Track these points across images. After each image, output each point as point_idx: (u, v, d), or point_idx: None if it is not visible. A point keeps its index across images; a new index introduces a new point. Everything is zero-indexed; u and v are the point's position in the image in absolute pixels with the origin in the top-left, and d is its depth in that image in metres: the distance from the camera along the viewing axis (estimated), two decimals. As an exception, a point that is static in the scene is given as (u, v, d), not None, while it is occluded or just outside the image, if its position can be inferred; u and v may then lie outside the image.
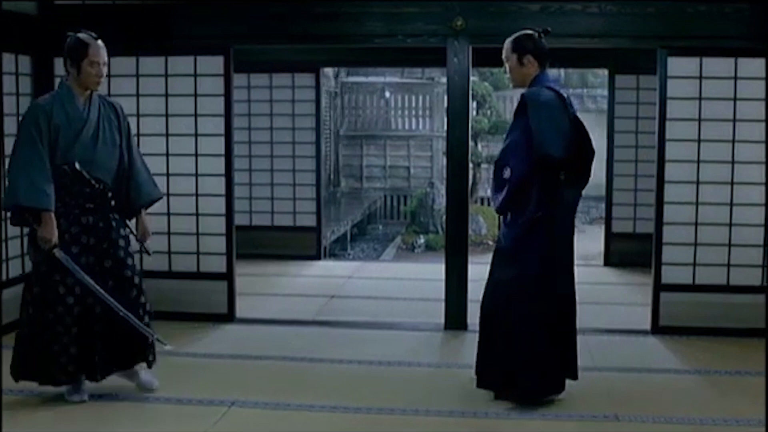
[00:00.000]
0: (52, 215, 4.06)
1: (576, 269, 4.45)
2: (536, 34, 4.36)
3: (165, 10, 5.93)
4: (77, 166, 4.15)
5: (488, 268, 4.44)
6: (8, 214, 4.27)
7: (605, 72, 9.51)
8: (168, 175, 6.05)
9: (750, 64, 5.61)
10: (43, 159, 4.06)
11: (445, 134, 6.17)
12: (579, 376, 4.44)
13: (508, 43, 4.37)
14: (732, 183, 5.67)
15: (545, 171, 4.16)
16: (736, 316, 5.68)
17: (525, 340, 4.26)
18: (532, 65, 4.32)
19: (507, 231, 4.29)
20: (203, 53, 5.97)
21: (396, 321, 6.18)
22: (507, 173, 4.20)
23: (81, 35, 4.20)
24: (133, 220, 4.50)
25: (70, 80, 4.22)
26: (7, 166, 4.19)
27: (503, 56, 4.41)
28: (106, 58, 4.23)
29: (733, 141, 5.65)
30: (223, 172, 6.00)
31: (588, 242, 12.45)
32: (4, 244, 5.66)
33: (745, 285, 5.68)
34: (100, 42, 4.22)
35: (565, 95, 4.33)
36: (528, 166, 4.16)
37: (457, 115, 5.86)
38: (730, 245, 5.70)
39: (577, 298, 4.42)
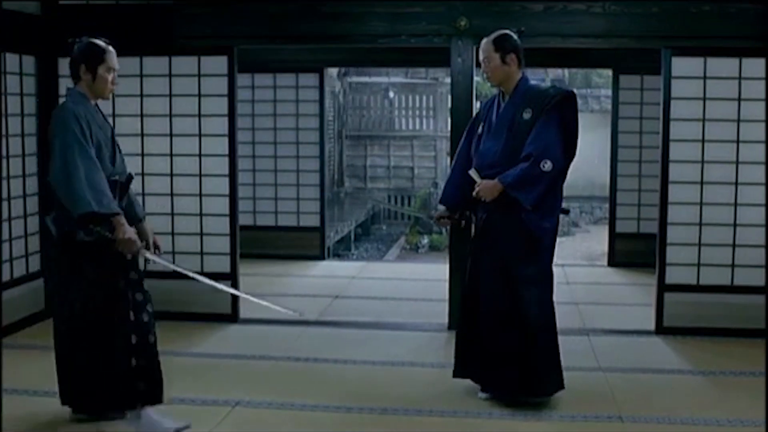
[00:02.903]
0: (124, 218, 3.78)
1: (579, 269, 4.45)
2: (515, 34, 4.42)
3: (168, 10, 5.94)
4: (132, 176, 4.01)
5: (487, 263, 4.38)
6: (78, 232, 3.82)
7: (609, 72, 9.52)
8: (171, 175, 6.06)
9: (754, 64, 5.60)
10: (98, 165, 3.73)
11: (448, 134, 6.17)
12: (583, 377, 4.44)
13: (488, 43, 4.39)
14: (736, 183, 5.66)
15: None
16: (740, 316, 5.67)
17: (550, 338, 4.32)
18: (514, 63, 4.36)
19: (542, 224, 4.25)
20: (207, 53, 5.97)
21: (400, 321, 6.19)
22: (547, 166, 4.17)
23: (94, 40, 3.92)
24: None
25: (83, 87, 3.90)
26: (54, 176, 3.69)
27: (481, 56, 4.42)
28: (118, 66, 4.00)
29: (738, 141, 5.65)
30: (226, 172, 6.00)
31: (592, 242, 12.46)
32: (5, 245, 5.67)
33: (749, 285, 5.67)
34: (112, 48, 3.94)
35: None
36: (564, 161, 4.25)
37: (460, 116, 5.85)
38: (734, 246, 5.70)
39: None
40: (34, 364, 5.01)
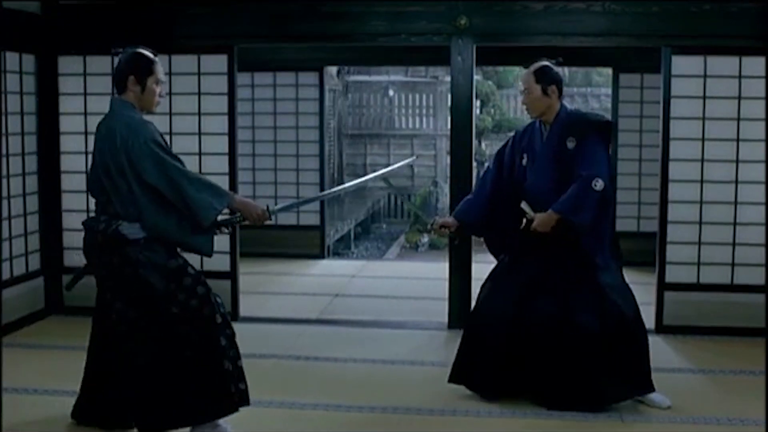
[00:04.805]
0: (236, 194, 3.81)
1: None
2: (554, 64, 4.41)
3: (169, 9, 5.93)
4: None
5: (559, 281, 4.32)
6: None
7: (609, 71, 9.50)
8: (172, 173, 6.05)
9: (754, 62, 5.59)
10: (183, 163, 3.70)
11: (448, 133, 6.17)
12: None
13: (529, 75, 4.38)
14: (736, 182, 5.66)
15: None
16: (740, 315, 5.66)
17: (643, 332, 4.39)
18: (555, 95, 4.36)
19: (597, 248, 4.28)
20: (207, 52, 5.97)
21: (400, 320, 6.18)
22: (599, 185, 4.15)
23: (141, 50, 3.77)
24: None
25: (129, 99, 3.73)
26: (175, 190, 3.60)
27: (522, 87, 4.42)
28: None
29: (738, 140, 5.64)
30: (226, 170, 5.99)
31: (592, 241, 12.42)
32: (4, 243, 5.66)
33: (749, 284, 5.66)
34: (158, 59, 3.81)
35: None
36: (609, 183, 4.24)
37: (460, 114, 5.85)
38: (734, 244, 5.69)
39: None
40: (34, 362, 5.02)
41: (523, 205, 4.37)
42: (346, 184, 4.47)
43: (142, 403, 3.65)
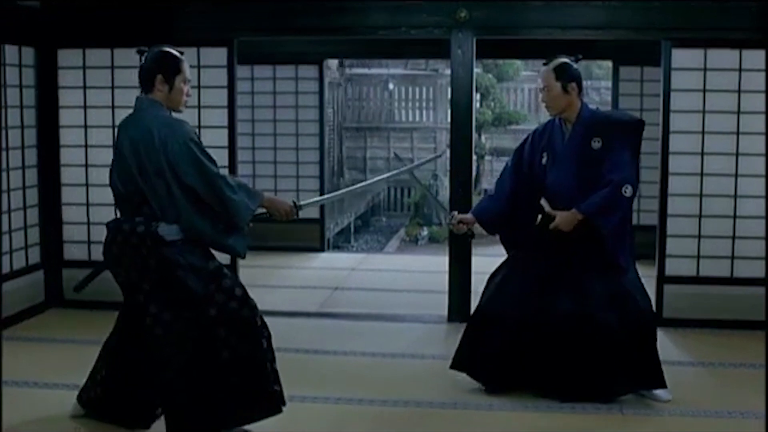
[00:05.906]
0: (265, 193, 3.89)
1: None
2: (573, 62, 4.38)
3: (169, 1, 5.91)
4: None
5: (587, 283, 4.31)
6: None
7: (609, 63, 9.49)
8: (171, 167, 6.04)
9: (754, 55, 5.59)
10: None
11: (448, 126, 6.16)
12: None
13: (548, 72, 4.34)
14: (736, 175, 5.66)
15: None
16: (740, 308, 5.67)
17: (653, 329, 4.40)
18: (575, 92, 4.33)
19: (620, 250, 4.34)
20: (207, 45, 5.95)
21: (399, 313, 6.19)
22: (629, 191, 4.19)
23: (168, 49, 3.76)
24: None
25: (159, 98, 3.70)
26: (213, 192, 3.58)
27: (541, 85, 4.38)
28: None
29: (737, 133, 5.64)
30: (226, 164, 5.97)
31: (592, 234, 12.42)
32: (4, 237, 5.66)
33: (748, 277, 5.67)
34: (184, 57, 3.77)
35: None
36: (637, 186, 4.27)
37: (460, 107, 5.85)
38: (734, 237, 5.69)
39: None
40: (34, 355, 5.02)
41: (543, 203, 4.37)
42: (376, 178, 4.50)
43: (178, 405, 3.60)
